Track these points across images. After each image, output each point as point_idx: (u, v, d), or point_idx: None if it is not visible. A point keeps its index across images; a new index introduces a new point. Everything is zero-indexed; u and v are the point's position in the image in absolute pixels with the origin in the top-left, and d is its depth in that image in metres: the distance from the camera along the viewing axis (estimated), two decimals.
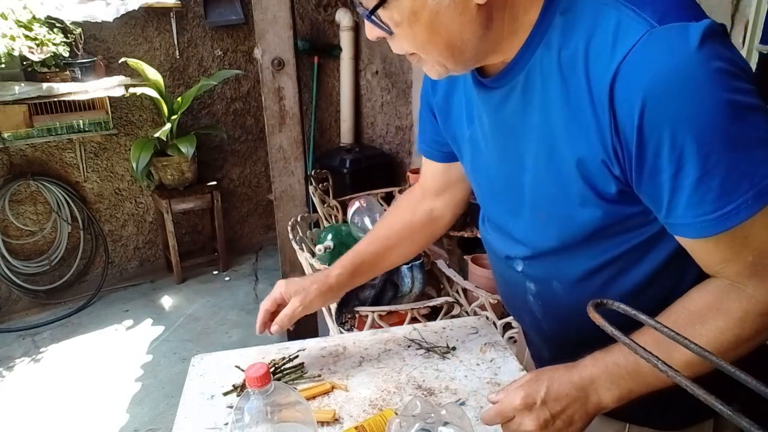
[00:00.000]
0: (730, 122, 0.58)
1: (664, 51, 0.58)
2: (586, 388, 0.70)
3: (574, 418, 0.70)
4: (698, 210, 0.61)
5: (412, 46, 0.70)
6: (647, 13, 0.59)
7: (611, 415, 0.86)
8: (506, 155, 0.79)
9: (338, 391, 0.96)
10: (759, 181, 0.59)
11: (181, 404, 0.95)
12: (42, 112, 2.95)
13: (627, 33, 0.59)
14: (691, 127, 0.58)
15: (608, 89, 0.61)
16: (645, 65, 0.58)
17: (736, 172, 0.59)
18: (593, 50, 0.62)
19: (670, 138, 0.59)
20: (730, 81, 0.58)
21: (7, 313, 3.18)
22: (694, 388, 0.32)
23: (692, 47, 0.57)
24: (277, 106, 2.23)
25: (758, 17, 1.81)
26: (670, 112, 0.58)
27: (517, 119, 0.74)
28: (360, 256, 1.05)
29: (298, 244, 1.85)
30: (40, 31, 2.79)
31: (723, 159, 0.59)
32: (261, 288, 3.41)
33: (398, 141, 3.70)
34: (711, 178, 0.59)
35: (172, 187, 3.39)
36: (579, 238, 0.75)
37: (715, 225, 0.61)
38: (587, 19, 0.63)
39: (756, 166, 0.59)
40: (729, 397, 0.33)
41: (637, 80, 0.58)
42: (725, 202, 0.60)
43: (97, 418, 2.37)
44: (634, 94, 0.59)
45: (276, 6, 2.10)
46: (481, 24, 0.66)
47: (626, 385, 0.69)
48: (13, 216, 3.14)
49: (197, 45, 3.49)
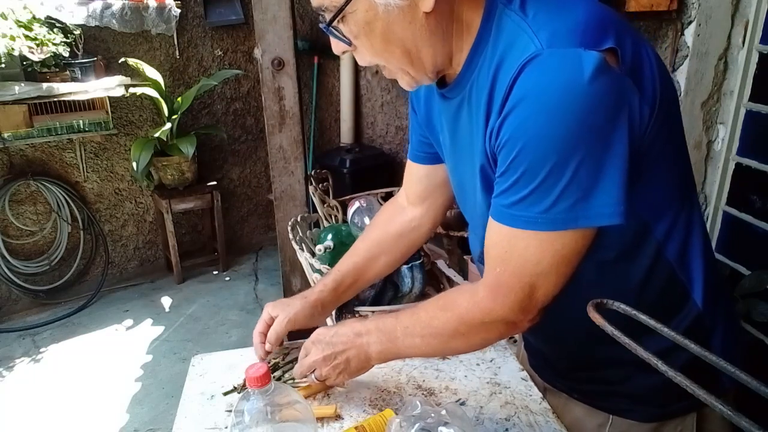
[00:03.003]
0: (565, 153, 0.63)
1: (542, 72, 0.63)
2: (362, 336, 0.86)
3: (351, 360, 0.86)
4: (502, 201, 0.70)
5: (373, 57, 0.75)
6: (542, 37, 0.64)
7: (595, 407, 0.89)
8: (462, 162, 0.85)
9: (338, 390, 0.96)
10: (555, 212, 0.65)
11: (181, 404, 0.95)
12: (42, 112, 2.95)
13: (525, 52, 0.65)
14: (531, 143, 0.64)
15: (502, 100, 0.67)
16: (524, 80, 0.64)
17: (542, 195, 0.65)
18: (503, 66, 0.68)
19: (513, 143, 0.66)
20: (595, 117, 0.62)
21: (7, 313, 3.18)
22: (694, 388, 0.32)
23: (569, 74, 0.61)
24: (277, 106, 2.23)
25: (758, 17, 1.81)
26: (521, 122, 0.64)
27: (466, 128, 0.80)
28: (341, 273, 1.08)
29: (298, 244, 1.85)
30: (40, 31, 2.79)
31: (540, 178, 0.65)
32: (261, 288, 3.41)
33: (398, 141, 3.70)
34: (522, 188, 0.67)
35: (172, 187, 3.39)
36: None
37: (503, 217, 0.70)
38: (505, 39, 0.69)
39: (561, 199, 0.65)
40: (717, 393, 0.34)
41: (516, 91, 0.65)
42: (522, 209, 0.68)
43: (97, 418, 2.37)
44: (511, 101, 0.65)
45: (276, 6, 2.10)
46: (431, 32, 0.71)
47: (386, 345, 0.84)
48: (13, 216, 3.14)
49: (197, 45, 3.49)
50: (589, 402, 0.91)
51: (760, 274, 1.75)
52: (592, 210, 0.65)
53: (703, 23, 1.84)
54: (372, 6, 0.68)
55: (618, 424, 0.87)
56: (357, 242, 1.14)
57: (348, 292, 1.09)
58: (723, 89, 1.93)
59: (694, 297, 0.79)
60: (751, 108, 1.86)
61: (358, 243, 1.13)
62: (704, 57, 1.88)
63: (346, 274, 1.07)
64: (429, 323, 0.80)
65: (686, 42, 1.91)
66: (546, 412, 0.89)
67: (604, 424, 0.89)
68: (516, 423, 0.87)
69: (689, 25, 1.89)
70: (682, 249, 0.76)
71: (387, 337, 0.84)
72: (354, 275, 1.08)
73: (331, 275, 1.08)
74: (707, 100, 1.94)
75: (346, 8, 0.69)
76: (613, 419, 0.88)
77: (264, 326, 1.02)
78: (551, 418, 0.88)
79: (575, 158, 0.63)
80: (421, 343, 0.82)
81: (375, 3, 0.68)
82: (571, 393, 0.94)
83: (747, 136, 1.91)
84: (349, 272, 1.08)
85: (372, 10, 0.69)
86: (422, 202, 1.08)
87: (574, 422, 0.92)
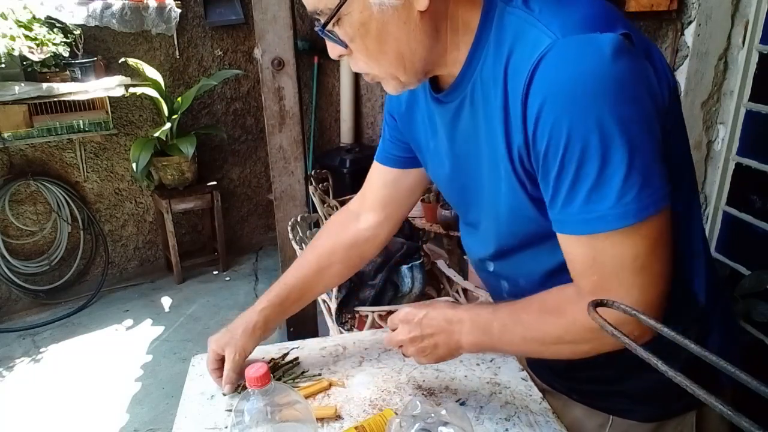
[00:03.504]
0: (612, 138, 0.62)
1: (564, 60, 0.62)
2: (453, 324, 0.81)
3: (439, 345, 0.82)
4: (568, 209, 0.67)
5: (366, 61, 0.74)
6: (554, 27, 0.64)
7: (595, 407, 0.89)
8: (463, 165, 0.84)
9: (338, 390, 0.96)
10: (625, 203, 0.63)
11: (181, 404, 0.95)
12: (42, 112, 2.95)
13: (539, 45, 0.64)
14: (575, 134, 0.62)
15: (522, 95, 0.66)
16: (546, 73, 0.63)
17: (606, 186, 0.63)
18: (514, 62, 0.67)
19: (557, 141, 0.64)
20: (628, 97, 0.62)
21: (7, 313, 3.18)
22: (694, 388, 0.32)
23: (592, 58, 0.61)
24: (277, 106, 2.22)
25: (758, 17, 1.81)
26: (557, 117, 0.63)
27: (469, 130, 0.79)
28: (287, 287, 1.04)
29: (298, 244, 1.85)
30: (40, 31, 2.80)
31: (596, 170, 0.63)
32: (261, 288, 3.40)
33: None
34: (583, 183, 0.64)
35: (172, 187, 3.39)
36: (535, 236, 0.79)
37: (576, 226, 0.67)
38: (511, 35, 0.68)
39: (628, 187, 0.63)
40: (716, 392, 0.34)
41: (538, 87, 0.63)
42: (590, 209, 0.65)
43: (97, 418, 2.37)
44: (536, 99, 0.64)
45: (276, 6, 2.10)
46: (425, 32, 0.71)
47: (480, 338, 0.80)
48: (13, 216, 3.14)
49: (197, 45, 3.49)
50: (589, 402, 0.91)
51: (760, 274, 1.75)
52: (657, 192, 0.64)
53: (703, 23, 1.84)
54: (366, 6, 0.68)
55: (618, 424, 0.87)
56: (305, 252, 1.09)
57: (293, 307, 1.05)
58: (723, 89, 1.94)
59: (697, 295, 0.79)
60: (751, 108, 1.86)
61: (306, 253, 1.08)
62: (704, 57, 1.88)
63: (292, 288, 1.04)
64: (531, 326, 0.76)
65: (686, 42, 1.91)
66: (546, 412, 0.89)
67: (604, 424, 0.89)
68: (516, 423, 0.87)
69: (689, 25, 1.89)
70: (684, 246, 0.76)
71: (481, 330, 0.80)
72: (301, 290, 1.04)
73: (275, 289, 1.04)
74: (707, 100, 1.94)
75: (341, 10, 0.69)
76: (613, 419, 0.88)
77: (215, 363, 0.99)
78: (551, 418, 0.88)
79: (621, 141, 0.62)
80: (521, 343, 0.79)
81: (370, 3, 0.68)
82: (570, 394, 0.94)
83: (747, 136, 1.91)
84: (295, 286, 1.04)
85: (367, 10, 0.68)
86: (383, 209, 1.04)
87: (574, 423, 0.92)
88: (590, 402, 0.91)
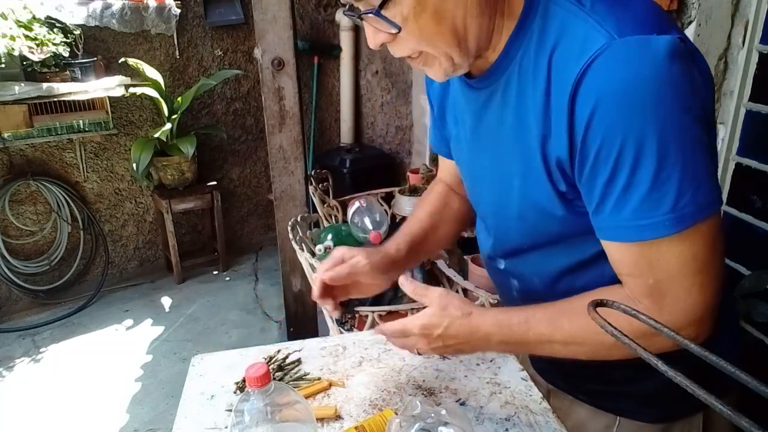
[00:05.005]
0: (668, 142, 0.60)
1: (620, 62, 0.60)
2: (479, 340, 0.78)
3: (464, 351, 0.81)
4: (619, 216, 0.64)
5: (418, 42, 0.69)
6: (609, 26, 0.62)
7: (602, 408, 0.88)
8: (487, 155, 0.82)
9: (338, 391, 0.96)
10: (682, 207, 0.62)
11: (181, 404, 0.95)
12: (42, 112, 2.95)
13: (591, 43, 0.62)
14: (630, 138, 0.61)
15: (570, 94, 0.64)
16: (601, 74, 0.61)
17: (661, 192, 0.62)
18: (560, 57, 0.65)
19: (610, 144, 0.62)
20: (683, 101, 0.61)
21: (7, 313, 3.18)
22: (694, 388, 0.32)
23: (649, 61, 0.59)
24: (277, 106, 2.22)
25: (758, 17, 1.81)
26: (613, 120, 0.61)
27: (496, 121, 0.77)
28: (411, 235, 1.00)
29: (298, 244, 1.85)
30: (40, 31, 2.80)
31: (652, 175, 0.61)
32: (261, 288, 3.41)
33: (398, 141, 3.71)
34: (637, 189, 0.62)
35: (172, 187, 3.39)
36: (553, 236, 0.77)
37: (628, 233, 0.65)
38: (557, 27, 0.66)
39: (683, 192, 0.61)
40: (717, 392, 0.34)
41: (592, 87, 0.62)
42: (644, 215, 0.63)
43: (97, 418, 2.37)
44: (588, 100, 0.62)
45: (276, 6, 2.10)
46: (480, 9, 0.68)
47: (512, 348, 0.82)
48: (13, 216, 3.14)
49: (197, 45, 3.49)
50: (595, 403, 0.90)
51: (760, 274, 1.75)
52: (712, 193, 0.63)
53: (703, 23, 1.84)
54: None
55: (625, 425, 0.87)
56: (416, 211, 1.08)
57: (416, 255, 1.01)
58: (723, 89, 1.93)
59: None
60: (751, 108, 1.86)
61: (418, 211, 1.06)
62: (704, 57, 1.87)
63: (416, 237, 0.99)
64: (575, 334, 0.71)
65: None
66: (546, 412, 0.89)
67: (611, 425, 0.88)
68: (516, 423, 0.87)
69: (689, 25, 1.89)
70: None
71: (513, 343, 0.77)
72: (422, 238, 1.00)
73: (400, 237, 0.99)
74: None
75: None
76: (621, 420, 0.87)
77: (332, 265, 0.90)
78: (551, 418, 0.88)
79: (677, 146, 0.60)
80: (562, 350, 0.74)
81: None
82: (577, 394, 0.93)
83: (747, 136, 1.91)
84: (418, 235, 1.00)
85: None
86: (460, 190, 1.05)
87: (579, 424, 0.91)
88: (597, 402, 0.90)
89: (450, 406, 0.74)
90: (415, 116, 3.53)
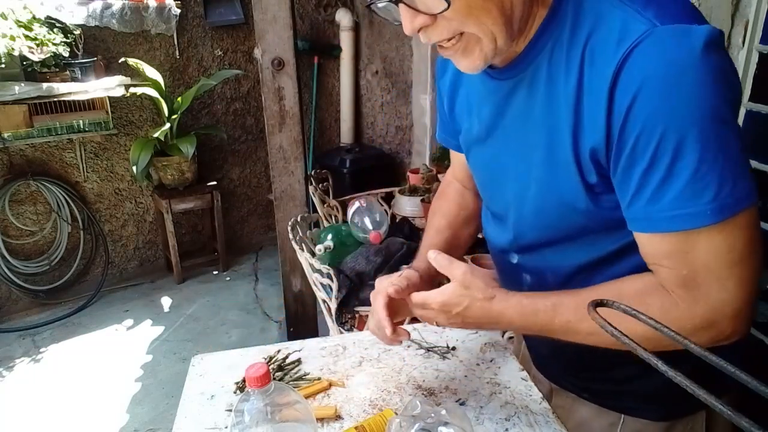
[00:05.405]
0: (710, 131, 0.60)
1: (663, 49, 0.60)
2: (500, 323, 0.77)
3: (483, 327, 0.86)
4: (657, 206, 0.63)
5: (463, 21, 0.66)
6: (650, 14, 0.61)
7: (607, 406, 0.88)
8: (509, 147, 0.80)
9: (338, 390, 0.96)
10: (723, 197, 0.61)
11: (181, 404, 0.95)
12: (42, 112, 2.95)
13: (631, 31, 0.61)
14: (673, 126, 0.60)
15: (610, 83, 0.62)
16: (643, 61, 0.60)
17: (703, 182, 0.61)
18: (596, 46, 0.64)
19: (650, 132, 0.61)
20: (722, 91, 0.60)
21: (7, 313, 3.18)
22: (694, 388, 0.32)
23: (691, 49, 0.59)
24: (277, 106, 2.23)
25: (758, 17, 1.81)
26: (655, 107, 0.60)
27: (522, 111, 0.75)
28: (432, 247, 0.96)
29: (298, 244, 1.85)
30: (40, 31, 2.79)
31: (694, 164, 0.60)
32: (261, 288, 3.41)
33: (398, 141, 3.70)
34: (678, 178, 0.61)
35: (172, 187, 3.39)
36: (573, 231, 0.76)
37: (666, 223, 0.63)
38: (592, 17, 0.65)
39: (723, 181, 0.61)
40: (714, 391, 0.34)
41: (634, 74, 0.61)
42: (683, 205, 0.62)
43: (97, 418, 2.37)
44: (629, 87, 0.61)
45: (276, 6, 2.10)
46: None
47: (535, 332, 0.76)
48: (13, 216, 3.14)
49: (197, 45, 3.49)
50: (599, 401, 0.90)
51: None
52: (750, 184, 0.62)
53: None
54: None
55: (630, 423, 0.86)
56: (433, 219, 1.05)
57: None
58: None
59: None
60: (751, 108, 1.86)
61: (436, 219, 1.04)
62: None
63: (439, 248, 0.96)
64: None
65: None
66: (546, 412, 0.89)
67: (615, 423, 0.88)
68: (516, 423, 0.87)
69: None
70: None
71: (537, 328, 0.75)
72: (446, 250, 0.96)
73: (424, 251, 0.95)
74: None
75: None
76: (625, 419, 0.87)
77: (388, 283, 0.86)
78: (551, 418, 0.88)
79: (717, 135, 0.60)
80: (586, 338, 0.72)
81: None
82: (581, 393, 0.93)
83: (747, 136, 1.91)
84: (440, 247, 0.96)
85: None
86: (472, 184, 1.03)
87: (582, 423, 0.91)
88: (601, 401, 0.90)
89: (450, 406, 0.74)
90: (415, 116, 3.52)
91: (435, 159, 2.98)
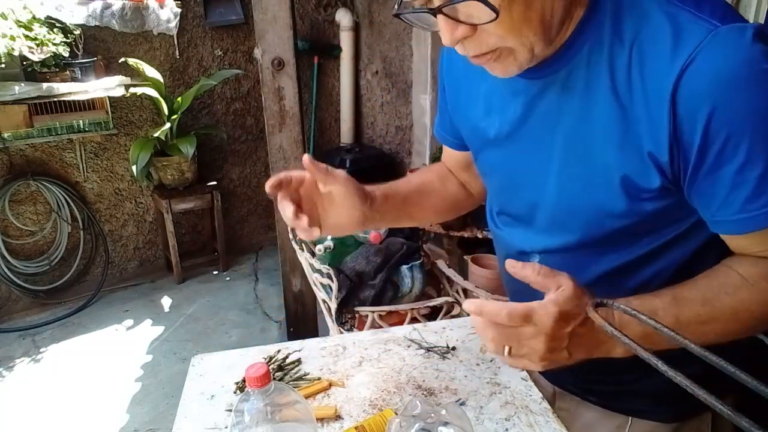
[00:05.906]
0: None
1: (731, 51, 0.59)
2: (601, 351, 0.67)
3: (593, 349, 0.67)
4: (758, 202, 0.61)
5: (505, 33, 0.63)
6: (706, 14, 0.60)
7: (613, 408, 0.87)
8: (535, 148, 0.77)
9: (338, 390, 0.96)
10: None
11: (181, 404, 0.95)
12: (42, 112, 2.95)
13: (689, 34, 0.60)
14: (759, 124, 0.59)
15: (671, 88, 0.61)
16: (712, 65, 0.59)
17: None
18: (646, 47, 0.62)
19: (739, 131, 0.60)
20: None
21: (7, 313, 3.18)
22: (694, 389, 0.32)
23: (755, 46, 0.58)
24: (277, 106, 2.23)
25: (758, 17, 1.81)
26: (739, 108, 0.59)
27: (552, 112, 0.73)
28: (393, 188, 0.95)
29: (298, 244, 1.85)
30: (40, 31, 2.79)
31: None
32: (261, 288, 3.41)
33: (398, 141, 3.70)
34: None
35: (172, 187, 3.39)
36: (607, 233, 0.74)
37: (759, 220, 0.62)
38: (635, 16, 0.64)
39: None
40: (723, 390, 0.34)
41: (704, 80, 0.59)
42: None
43: (97, 418, 2.37)
44: (701, 94, 0.59)
45: (276, 6, 2.10)
46: None
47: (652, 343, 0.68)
48: (13, 216, 3.14)
49: (197, 45, 3.49)
50: (606, 404, 0.89)
51: None
52: None
53: None
54: None
55: (638, 425, 0.86)
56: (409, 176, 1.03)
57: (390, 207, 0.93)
58: None
59: None
60: None
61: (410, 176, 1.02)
62: None
63: (397, 191, 0.95)
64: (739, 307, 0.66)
65: None
66: (546, 412, 0.89)
67: (623, 426, 0.87)
68: (516, 423, 0.87)
69: None
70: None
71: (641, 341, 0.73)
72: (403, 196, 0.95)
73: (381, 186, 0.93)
74: None
75: None
76: (633, 421, 0.86)
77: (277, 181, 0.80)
78: (551, 419, 0.88)
79: None
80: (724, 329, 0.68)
81: None
82: (585, 395, 0.92)
83: None
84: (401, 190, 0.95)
85: None
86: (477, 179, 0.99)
87: (587, 427, 0.90)
88: (607, 403, 0.89)
89: (450, 406, 0.74)
90: (415, 116, 3.52)
91: (435, 159, 2.98)
